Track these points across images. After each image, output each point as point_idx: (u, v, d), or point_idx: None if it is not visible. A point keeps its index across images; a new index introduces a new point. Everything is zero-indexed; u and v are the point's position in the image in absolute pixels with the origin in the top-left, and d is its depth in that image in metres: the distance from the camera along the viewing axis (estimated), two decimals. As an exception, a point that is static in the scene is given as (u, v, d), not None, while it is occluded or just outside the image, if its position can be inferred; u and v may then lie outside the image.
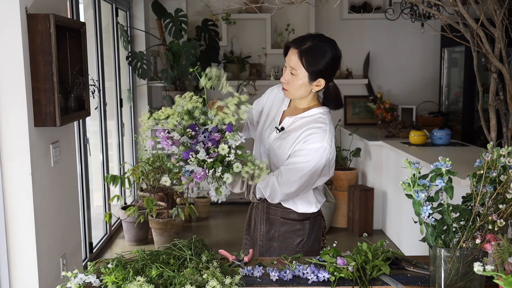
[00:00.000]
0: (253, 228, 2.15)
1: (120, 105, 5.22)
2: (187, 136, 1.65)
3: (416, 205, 1.40)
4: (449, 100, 6.03)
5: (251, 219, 2.18)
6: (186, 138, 1.66)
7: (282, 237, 2.05)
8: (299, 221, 2.05)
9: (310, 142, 1.89)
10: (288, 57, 1.94)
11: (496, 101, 2.60)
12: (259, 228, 2.10)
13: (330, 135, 1.92)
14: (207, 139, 1.65)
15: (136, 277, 1.42)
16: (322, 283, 1.53)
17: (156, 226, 4.44)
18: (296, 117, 2.01)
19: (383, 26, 5.86)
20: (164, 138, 1.66)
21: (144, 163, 4.71)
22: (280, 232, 2.06)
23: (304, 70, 1.90)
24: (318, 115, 1.98)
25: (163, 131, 1.67)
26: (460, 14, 2.50)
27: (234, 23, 5.83)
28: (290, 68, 1.92)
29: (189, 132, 1.65)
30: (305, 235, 2.05)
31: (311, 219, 2.07)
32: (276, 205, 2.04)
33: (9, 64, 2.33)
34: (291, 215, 2.04)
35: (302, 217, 2.05)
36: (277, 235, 2.06)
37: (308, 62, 1.89)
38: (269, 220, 2.08)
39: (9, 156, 2.39)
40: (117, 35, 5.15)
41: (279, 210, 2.05)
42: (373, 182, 5.01)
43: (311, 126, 1.93)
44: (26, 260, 2.47)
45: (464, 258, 1.37)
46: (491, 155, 1.42)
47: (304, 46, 1.90)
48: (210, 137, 1.65)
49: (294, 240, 2.05)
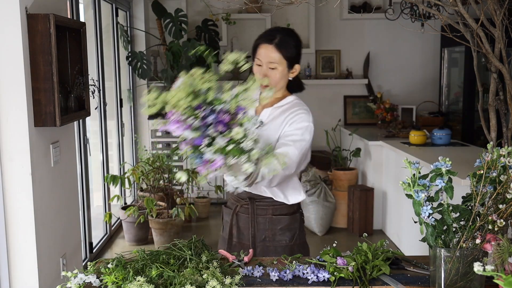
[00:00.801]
0: (236, 235, 2.11)
1: (120, 105, 5.22)
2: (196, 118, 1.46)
3: (416, 205, 1.40)
4: (449, 100, 6.03)
5: (232, 227, 2.11)
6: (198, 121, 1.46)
7: (276, 235, 2.06)
8: (290, 214, 2.07)
9: (298, 121, 1.96)
10: (263, 55, 1.98)
11: (496, 101, 2.60)
12: (248, 232, 2.07)
13: (311, 116, 2.01)
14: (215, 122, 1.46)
15: (136, 277, 1.42)
16: (322, 283, 1.53)
17: (156, 226, 4.43)
18: (274, 106, 2.04)
19: (383, 26, 5.86)
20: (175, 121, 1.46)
21: (144, 163, 4.71)
22: (274, 230, 2.06)
23: (285, 61, 1.97)
24: (295, 101, 2.06)
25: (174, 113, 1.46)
26: (460, 14, 2.50)
27: (234, 23, 5.83)
28: (269, 63, 1.97)
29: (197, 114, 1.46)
30: (297, 229, 2.09)
31: (299, 211, 2.12)
32: (266, 204, 2.05)
33: (9, 64, 2.33)
34: (282, 210, 2.06)
35: (292, 210, 2.07)
36: (270, 234, 2.06)
37: (286, 52, 1.97)
38: (258, 221, 2.06)
39: (9, 156, 2.39)
40: (117, 35, 5.15)
41: (269, 208, 2.05)
42: (373, 182, 5.01)
43: (295, 109, 2.00)
44: (26, 260, 2.47)
45: (464, 258, 1.37)
46: (491, 155, 1.42)
47: (276, 39, 1.97)
48: (218, 119, 1.46)
49: (286, 236, 2.07)
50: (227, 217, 2.16)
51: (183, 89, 1.46)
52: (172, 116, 1.47)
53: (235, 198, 2.12)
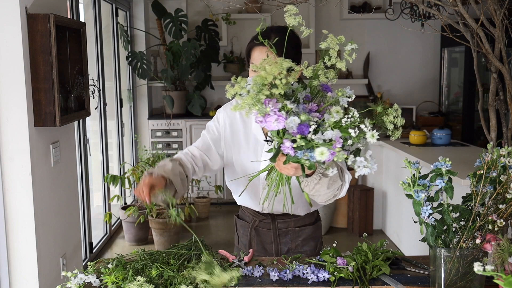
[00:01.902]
0: (258, 248, 1.97)
1: (120, 105, 5.22)
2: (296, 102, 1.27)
3: (416, 205, 1.40)
4: (449, 100, 6.03)
5: (251, 239, 1.97)
6: (296, 106, 1.27)
7: (299, 246, 1.95)
8: (312, 224, 1.98)
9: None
10: (257, 58, 1.71)
11: (496, 101, 2.60)
12: (272, 246, 1.95)
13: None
14: (306, 111, 1.29)
15: (136, 277, 1.42)
16: (322, 283, 1.53)
17: (156, 226, 4.43)
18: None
19: (383, 26, 5.86)
20: (275, 110, 1.24)
21: (144, 163, 4.70)
22: (297, 241, 1.95)
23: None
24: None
25: (271, 100, 1.25)
26: (460, 14, 2.50)
27: (234, 23, 5.83)
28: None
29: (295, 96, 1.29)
30: (319, 237, 2.00)
31: (318, 221, 2.02)
32: (287, 217, 1.92)
33: (9, 64, 2.33)
34: (304, 220, 1.95)
35: (313, 219, 1.98)
36: (294, 246, 1.95)
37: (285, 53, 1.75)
38: (280, 235, 1.94)
39: (9, 156, 2.39)
40: (117, 35, 5.15)
41: (291, 221, 1.93)
42: (373, 182, 5.01)
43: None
44: (26, 260, 2.47)
45: (464, 258, 1.37)
46: (491, 155, 1.42)
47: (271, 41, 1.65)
48: (306, 109, 1.29)
49: (310, 246, 1.97)
50: (242, 230, 2.01)
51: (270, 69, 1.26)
52: (269, 105, 1.25)
53: (251, 212, 1.97)
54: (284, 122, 1.23)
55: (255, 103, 1.26)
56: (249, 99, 1.26)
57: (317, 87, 1.39)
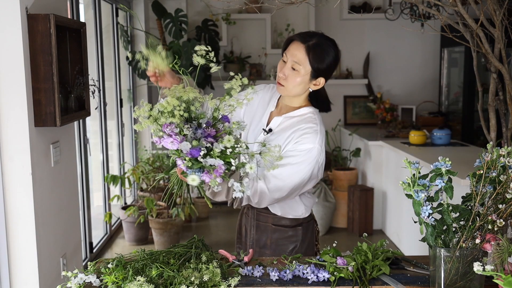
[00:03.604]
0: (244, 235, 2.06)
1: (120, 105, 5.22)
2: (186, 132, 1.47)
3: (416, 205, 1.40)
4: (449, 100, 6.03)
5: (241, 226, 2.09)
6: (191, 132, 1.47)
7: (275, 244, 1.98)
8: (291, 227, 1.97)
9: (301, 143, 1.81)
10: (291, 51, 1.84)
11: (495, 101, 2.60)
12: (249, 235, 2.02)
13: (321, 136, 1.84)
14: (204, 135, 1.48)
15: (136, 277, 1.42)
16: (322, 283, 1.53)
17: (156, 226, 4.44)
18: (286, 115, 1.91)
19: (383, 26, 5.86)
20: (172, 133, 1.45)
21: (144, 163, 4.71)
22: (272, 239, 1.98)
23: (309, 66, 1.82)
24: (309, 114, 1.90)
25: (169, 125, 1.45)
26: (460, 14, 2.50)
27: (234, 23, 5.83)
28: (293, 62, 1.83)
29: (187, 128, 1.48)
30: (298, 242, 1.98)
31: (303, 224, 2.00)
32: (267, 212, 1.97)
33: (9, 64, 2.33)
34: (283, 221, 1.97)
35: (295, 223, 1.98)
36: (269, 243, 1.98)
37: (314, 58, 1.82)
38: (259, 227, 2.00)
39: (9, 156, 2.39)
40: (117, 35, 5.15)
41: (270, 216, 1.97)
42: (373, 182, 5.01)
43: (302, 127, 1.84)
44: (26, 260, 2.47)
45: (464, 258, 1.38)
46: (491, 155, 1.42)
47: (311, 42, 1.83)
48: (205, 133, 1.48)
49: (287, 247, 1.98)
50: (238, 217, 2.14)
51: (173, 97, 1.47)
52: (166, 129, 1.45)
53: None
54: (178, 145, 1.43)
55: (156, 129, 1.48)
56: (149, 122, 1.49)
57: (217, 117, 1.56)
